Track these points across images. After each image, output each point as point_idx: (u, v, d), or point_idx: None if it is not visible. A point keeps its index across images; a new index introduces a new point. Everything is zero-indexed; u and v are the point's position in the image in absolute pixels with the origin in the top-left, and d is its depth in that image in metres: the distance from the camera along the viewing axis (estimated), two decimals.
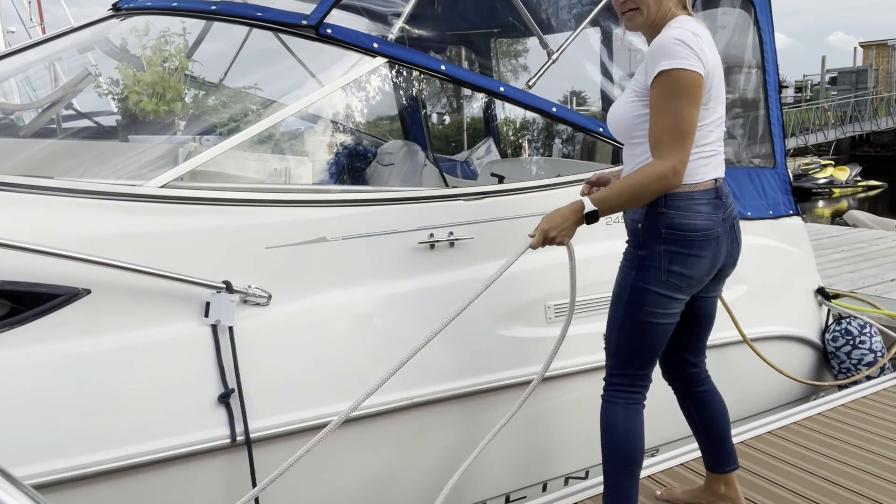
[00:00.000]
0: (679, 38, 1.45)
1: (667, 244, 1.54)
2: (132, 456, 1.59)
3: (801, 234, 3.03)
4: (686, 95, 1.45)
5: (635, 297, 1.58)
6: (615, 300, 1.64)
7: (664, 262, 1.55)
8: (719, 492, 1.85)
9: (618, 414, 1.63)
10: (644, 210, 1.57)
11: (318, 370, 1.83)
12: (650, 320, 1.58)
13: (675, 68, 1.44)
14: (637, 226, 1.59)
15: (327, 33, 2.01)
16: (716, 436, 1.79)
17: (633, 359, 1.63)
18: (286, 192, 1.88)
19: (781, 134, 2.99)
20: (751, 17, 2.90)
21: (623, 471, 1.63)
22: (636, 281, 1.58)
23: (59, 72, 2.82)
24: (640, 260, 1.58)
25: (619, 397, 1.64)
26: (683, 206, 1.54)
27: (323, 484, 1.86)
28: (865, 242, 5.44)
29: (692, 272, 1.56)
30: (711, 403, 1.79)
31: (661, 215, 1.54)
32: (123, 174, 1.85)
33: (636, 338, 1.61)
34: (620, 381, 1.65)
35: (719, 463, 1.82)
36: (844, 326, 3.03)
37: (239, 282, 1.75)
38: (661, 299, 1.57)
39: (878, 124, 22.82)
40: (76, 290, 1.59)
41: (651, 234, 1.56)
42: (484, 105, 4.27)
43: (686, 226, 1.54)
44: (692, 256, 1.54)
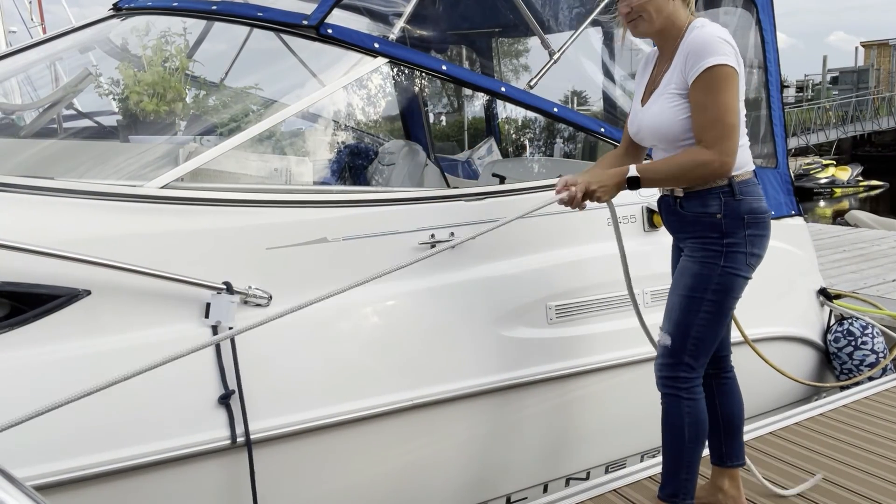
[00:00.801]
0: (721, 36, 1.55)
1: (750, 228, 1.62)
2: (132, 457, 1.58)
3: (802, 235, 3.02)
4: (734, 89, 1.54)
5: (726, 285, 1.63)
6: (695, 293, 1.64)
7: (748, 247, 1.63)
8: (723, 487, 1.86)
9: (704, 410, 1.71)
10: (720, 201, 1.63)
11: (318, 371, 1.82)
12: (732, 305, 1.67)
13: (721, 64, 1.52)
14: (716, 217, 1.63)
15: (328, 33, 2.01)
16: (732, 426, 1.83)
17: (709, 350, 1.70)
18: (287, 193, 1.88)
19: (783, 134, 2.99)
20: (752, 16, 2.89)
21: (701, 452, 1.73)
22: (725, 269, 1.63)
23: (61, 72, 2.82)
24: (726, 248, 1.62)
25: (700, 392, 1.70)
26: (755, 191, 1.65)
27: (324, 485, 1.86)
28: (867, 243, 5.43)
29: (763, 251, 1.67)
30: (735, 391, 1.85)
31: (740, 202, 1.62)
32: (124, 175, 1.85)
33: (719, 325, 1.67)
34: (697, 374, 1.69)
35: (728, 456, 1.84)
36: (846, 327, 3.02)
37: (239, 283, 1.75)
38: (745, 282, 1.66)
39: (879, 124, 22.79)
40: (76, 291, 1.59)
41: (735, 222, 1.62)
42: (485, 105, 4.27)
43: (761, 208, 1.65)
44: (766, 237, 1.66)
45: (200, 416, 1.66)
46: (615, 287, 2.18)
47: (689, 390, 1.68)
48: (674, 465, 1.71)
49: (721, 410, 1.83)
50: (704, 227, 1.65)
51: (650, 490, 2.01)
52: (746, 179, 1.64)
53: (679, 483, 1.70)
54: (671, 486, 1.71)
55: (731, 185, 1.62)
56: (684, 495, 1.70)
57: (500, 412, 2.12)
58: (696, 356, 1.67)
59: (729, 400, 1.84)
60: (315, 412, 1.78)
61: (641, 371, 1.86)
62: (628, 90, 2.80)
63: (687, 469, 1.70)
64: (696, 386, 1.69)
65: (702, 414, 1.69)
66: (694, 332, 1.65)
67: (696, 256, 1.66)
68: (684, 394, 1.68)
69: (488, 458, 2.13)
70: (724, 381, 1.84)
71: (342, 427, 1.82)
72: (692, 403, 1.68)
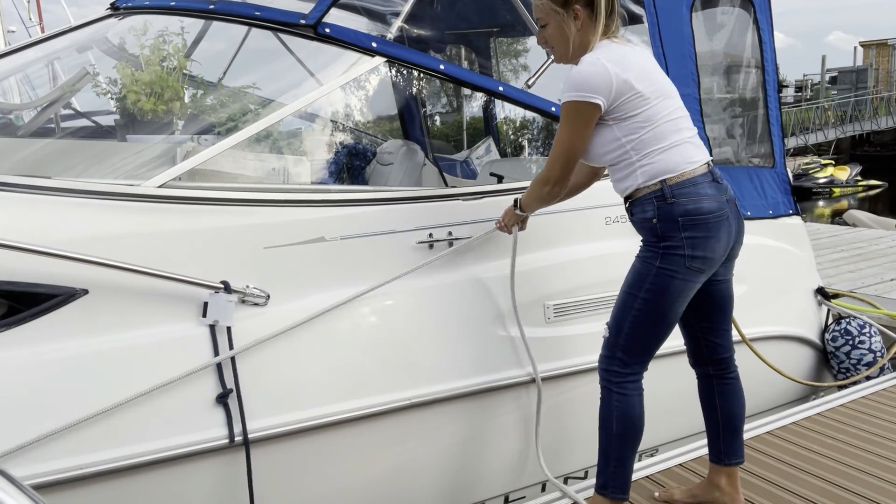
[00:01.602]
0: (580, 71, 1.61)
1: (687, 231, 1.61)
2: (130, 456, 1.59)
3: (800, 234, 3.03)
4: (574, 124, 1.63)
5: (660, 284, 1.63)
6: (632, 289, 1.67)
7: (687, 249, 1.62)
8: (720, 485, 1.86)
9: (635, 407, 1.70)
10: (654, 205, 1.63)
11: (316, 370, 1.83)
12: (670, 306, 1.65)
13: (566, 101, 1.62)
14: (652, 222, 1.64)
15: (326, 33, 2.01)
16: (733, 425, 1.83)
17: (645, 347, 1.69)
18: (284, 192, 1.88)
19: (781, 133, 2.99)
20: (750, 16, 2.89)
21: (633, 454, 1.73)
22: (660, 269, 1.63)
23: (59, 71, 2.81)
24: (663, 250, 1.63)
25: (634, 388, 1.70)
26: (692, 192, 1.63)
27: (322, 484, 1.86)
28: (865, 242, 5.44)
29: (712, 254, 1.64)
30: (737, 392, 1.84)
31: (672, 205, 1.62)
32: (121, 174, 1.85)
33: (654, 323, 1.67)
34: (632, 370, 1.69)
35: (727, 454, 1.84)
36: (844, 326, 3.02)
37: (237, 282, 1.75)
38: (684, 286, 1.64)
39: (878, 124, 22.81)
40: (74, 291, 1.59)
41: (669, 224, 1.62)
42: (484, 104, 4.27)
43: (700, 209, 1.62)
44: (712, 239, 1.63)
45: (198, 414, 1.66)
46: (613, 286, 2.18)
47: (620, 385, 1.69)
48: (604, 457, 1.73)
49: (722, 410, 1.83)
50: (646, 231, 1.68)
51: (648, 490, 2.01)
52: (682, 181, 1.62)
53: (608, 475, 1.72)
54: (602, 477, 1.73)
55: (663, 188, 1.62)
56: (614, 488, 1.71)
57: (497, 411, 2.12)
58: (628, 352, 1.68)
59: (731, 400, 1.83)
60: (312, 411, 1.78)
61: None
62: None
63: (616, 462, 1.70)
64: (628, 382, 1.68)
65: (632, 410, 1.68)
66: (626, 329, 1.67)
67: (640, 255, 1.70)
68: (615, 388, 1.69)
69: (486, 457, 2.13)
70: (726, 382, 1.83)
71: (340, 426, 1.82)
72: (621, 398, 1.68)
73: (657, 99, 1.63)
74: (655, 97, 1.62)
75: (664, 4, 2.60)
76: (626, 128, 1.63)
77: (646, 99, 1.61)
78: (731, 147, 3.00)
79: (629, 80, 1.59)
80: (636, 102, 1.61)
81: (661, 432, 2.37)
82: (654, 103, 1.62)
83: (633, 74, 1.60)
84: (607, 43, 1.65)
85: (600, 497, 1.74)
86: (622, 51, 1.64)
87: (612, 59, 1.60)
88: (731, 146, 3.00)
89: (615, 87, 1.58)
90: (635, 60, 1.63)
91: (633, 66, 1.61)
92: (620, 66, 1.59)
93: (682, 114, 1.69)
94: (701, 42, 2.71)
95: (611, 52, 1.62)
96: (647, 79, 1.62)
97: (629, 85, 1.59)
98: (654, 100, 1.62)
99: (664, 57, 2.60)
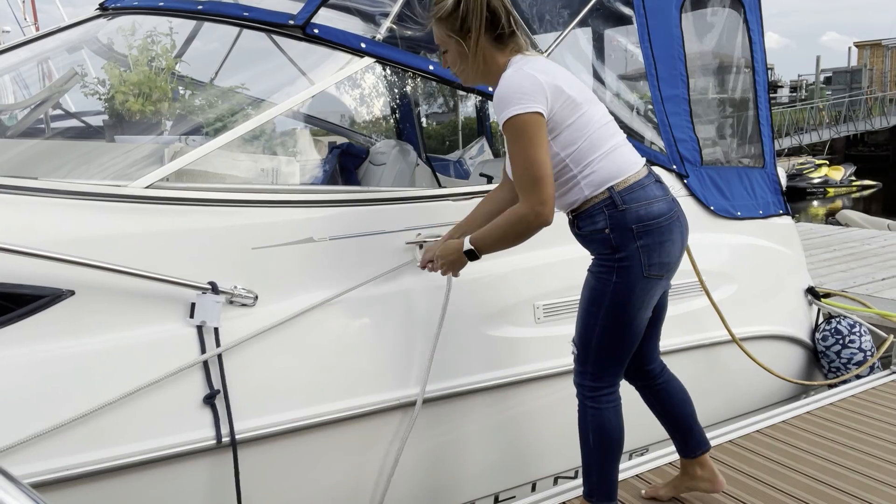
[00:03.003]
0: (516, 82, 1.51)
1: (642, 239, 1.57)
2: (117, 457, 1.58)
3: (791, 234, 3.04)
4: (533, 137, 1.50)
5: (620, 299, 1.59)
6: (592, 307, 1.63)
7: (643, 259, 1.57)
8: (696, 475, 1.88)
9: (609, 420, 1.67)
10: (605, 214, 1.58)
11: (304, 371, 1.82)
12: (634, 316, 1.61)
13: (514, 115, 1.49)
14: (605, 232, 1.58)
15: (314, 33, 2.01)
16: (684, 421, 1.83)
17: (615, 360, 1.66)
18: (273, 193, 1.88)
19: (771, 134, 3.00)
20: (740, 16, 2.91)
21: (615, 461, 1.71)
22: (618, 284, 1.59)
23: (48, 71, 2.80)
24: (618, 262, 1.58)
25: (608, 401, 1.68)
26: (641, 196, 1.58)
27: (307, 485, 1.86)
28: (857, 242, 5.46)
29: (669, 258, 1.61)
30: (673, 391, 1.82)
31: (625, 212, 1.56)
32: (109, 174, 1.84)
33: (621, 337, 1.63)
34: (604, 383, 1.67)
35: (692, 447, 1.85)
36: (834, 326, 3.04)
37: (225, 282, 1.75)
38: (644, 295, 1.60)
39: (872, 124, 22.90)
40: (60, 292, 1.58)
41: (624, 234, 1.57)
42: (477, 105, 4.27)
43: (652, 213, 1.57)
44: (666, 242, 1.59)
45: (185, 415, 1.66)
46: None
47: (594, 399, 1.67)
48: (586, 466, 1.72)
49: (668, 413, 1.82)
50: (598, 243, 1.61)
51: (636, 488, 2.02)
52: (629, 185, 1.56)
53: (592, 483, 1.71)
54: (587, 485, 1.73)
55: (612, 195, 1.56)
56: (599, 495, 1.71)
57: (487, 411, 2.12)
58: (599, 366, 1.65)
59: (671, 401, 1.81)
60: (301, 412, 1.78)
61: None
62: (617, 91, 2.81)
63: (598, 472, 1.70)
64: (601, 395, 1.66)
65: (607, 423, 1.66)
66: (594, 344, 1.64)
67: (593, 271, 1.64)
68: (588, 402, 1.68)
69: (475, 457, 2.13)
70: (658, 387, 1.81)
71: (328, 427, 1.82)
72: (595, 412, 1.67)
73: (587, 104, 1.58)
74: (586, 102, 1.58)
75: (653, 5, 2.60)
76: (561, 141, 1.57)
77: (578, 104, 1.56)
78: (722, 147, 3.01)
79: (559, 85, 1.54)
80: (570, 109, 1.55)
81: (650, 431, 2.37)
82: (586, 108, 1.57)
83: (562, 80, 1.55)
84: (521, 57, 1.60)
85: (588, 503, 1.75)
86: (541, 60, 1.60)
87: (535, 68, 1.55)
88: (721, 146, 3.01)
89: (549, 93, 1.52)
90: (556, 68, 1.59)
91: (558, 73, 1.57)
92: (547, 74, 1.54)
93: (611, 119, 1.64)
94: (690, 43, 2.72)
95: (532, 63, 1.57)
96: (574, 84, 1.58)
97: (560, 90, 1.53)
98: (585, 105, 1.57)
99: (653, 58, 2.61)
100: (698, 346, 2.57)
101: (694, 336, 2.54)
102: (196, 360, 1.67)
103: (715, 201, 2.73)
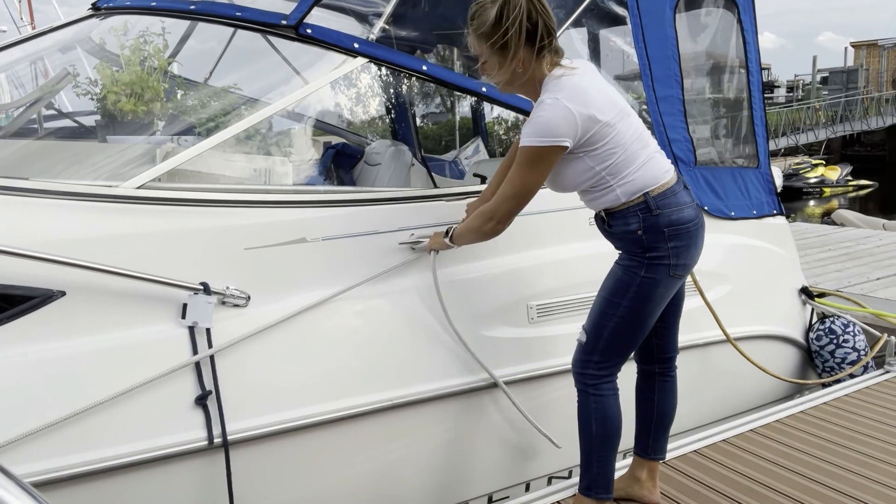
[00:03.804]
0: (541, 115, 1.58)
1: (672, 241, 1.65)
2: (108, 458, 1.58)
3: (785, 234, 3.04)
4: (533, 166, 1.61)
5: (644, 293, 1.66)
6: (614, 297, 1.69)
7: (672, 259, 1.65)
8: (641, 478, 1.92)
9: (611, 407, 1.73)
10: (639, 217, 1.65)
11: (296, 372, 1.82)
12: (652, 311, 1.69)
13: (525, 146, 1.60)
14: (637, 234, 1.66)
15: (307, 33, 2.00)
16: (663, 423, 1.89)
17: (623, 351, 1.73)
18: (265, 193, 1.87)
19: (765, 134, 3.00)
20: (734, 16, 2.91)
21: (614, 453, 1.75)
22: (646, 278, 1.66)
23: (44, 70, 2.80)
24: (648, 260, 1.66)
25: (610, 389, 1.73)
26: (673, 202, 1.66)
27: (306, 485, 1.86)
28: (852, 241, 5.47)
29: (693, 260, 1.71)
30: (672, 391, 1.89)
31: (658, 217, 1.64)
32: (100, 175, 1.84)
33: (635, 329, 1.70)
34: (607, 372, 1.72)
35: (653, 449, 1.89)
36: (828, 325, 3.04)
37: (217, 283, 1.74)
38: (666, 292, 1.69)
39: (868, 124, 22.96)
40: (51, 292, 1.58)
41: (656, 236, 1.65)
42: (472, 105, 4.27)
43: (682, 219, 1.66)
44: (692, 246, 1.69)
45: (177, 416, 1.65)
46: (597, 286, 2.19)
47: (597, 387, 1.72)
48: (586, 458, 1.75)
49: (658, 408, 1.88)
50: (629, 242, 1.69)
51: None
52: (663, 192, 1.65)
53: (592, 476, 1.75)
54: (585, 478, 1.77)
55: (647, 200, 1.64)
56: (598, 488, 1.74)
57: (481, 412, 2.12)
58: (606, 356, 1.71)
59: (666, 398, 1.88)
60: (293, 413, 1.78)
61: (623, 369, 1.87)
62: None
63: (598, 463, 1.74)
64: (604, 384, 1.72)
65: (609, 411, 1.71)
66: (607, 334, 1.70)
67: (622, 264, 1.71)
68: (591, 390, 1.72)
69: (469, 457, 2.13)
70: (665, 381, 1.88)
71: (320, 427, 1.82)
72: (599, 400, 1.71)
73: (620, 121, 1.63)
74: (618, 120, 1.63)
75: (647, 6, 2.61)
76: (597, 157, 1.63)
77: (611, 126, 1.61)
78: (716, 147, 3.02)
79: (593, 115, 1.58)
80: (603, 132, 1.61)
81: None
82: (619, 127, 1.63)
83: (595, 107, 1.59)
84: (556, 79, 1.62)
85: (585, 498, 1.75)
86: (576, 84, 1.61)
87: (571, 97, 1.58)
88: (715, 147, 3.01)
89: (580, 126, 1.58)
90: (591, 90, 1.61)
91: (592, 99, 1.60)
92: (581, 104, 1.58)
93: (643, 126, 1.71)
94: (685, 43, 2.72)
95: (568, 90, 1.59)
96: (606, 105, 1.62)
97: (594, 119, 1.59)
98: (618, 123, 1.62)
99: (647, 58, 2.61)
100: (693, 345, 2.57)
101: (688, 336, 2.54)
102: (188, 360, 1.67)
103: (709, 201, 2.74)
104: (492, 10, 1.58)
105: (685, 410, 2.08)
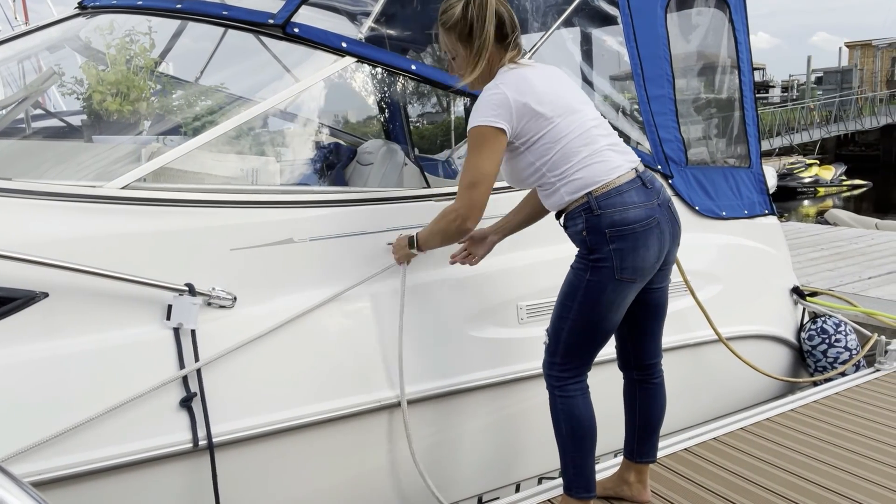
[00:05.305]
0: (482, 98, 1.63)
1: (614, 243, 1.60)
2: (91, 461, 1.56)
3: (776, 234, 3.05)
4: (483, 149, 1.61)
5: (591, 296, 1.64)
6: (567, 300, 1.68)
7: (616, 261, 1.61)
8: (629, 480, 1.90)
9: (578, 406, 1.71)
10: (583, 218, 1.63)
11: (282, 373, 1.81)
12: (604, 315, 1.65)
13: (474, 126, 1.61)
14: (582, 234, 1.64)
15: (294, 32, 1.99)
16: (651, 427, 1.86)
17: (582, 354, 1.71)
18: (252, 193, 1.86)
19: (757, 134, 3.00)
20: (726, 16, 2.91)
21: (589, 452, 1.73)
22: (591, 281, 1.63)
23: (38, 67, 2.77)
24: (592, 262, 1.63)
25: (574, 389, 1.71)
26: (618, 202, 1.61)
27: (288, 489, 1.84)
28: (845, 241, 5.49)
29: (644, 263, 1.63)
30: (658, 396, 1.86)
31: (599, 217, 1.61)
32: (85, 175, 1.82)
33: (589, 333, 1.67)
34: (571, 374, 1.71)
35: (640, 453, 1.88)
36: (820, 325, 3.04)
37: (203, 284, 1.73)
38: (616, 296, 1.64)
39: (862, 124, 23.06)
40: (33, 294, 1.56)
41: (597, 237, 1.62)
42: (466, 105, 4.25)
43: (627, 219, 1.60)
44: (640, 248, 1.61)
45: (162, 418, 1.64)
46: None
47: (562, 388, 1.70)
48: (562, 459, 1.75)
49: (641, 414, 1.86)
50: (578, 243, 1.68)
51: None
52: (606, 191, 1.60)
53: (570, 477, 1.74)
54: (565, 478, 1.76)
55: (589, 201, 1.61)
56: (577, 488, 1.73)
57: (471, 413, 2.11)
58: (567, 359, 1.70)
59: (651, 403, 1.85)
60: (279, 415, 1.77)
61: (612, 370, 1.87)
62: (602, 91, 2.81)
63: (573, 464, 1.72)
64: (569, 385, 1.70)
65: (576, 411, 1.69)
66: (564, 337, 1.69)
67: (573, 266, 1.70)
68: (557, 392, 1.72)
69: (458, 458, 2.12)
70: (649, 387, 1.85)
71: (306, 429, 1.81)
72: (565, 401, 1.70)
73: (560, 117, 1.63)
74: (558, 115, 1.63)
75: (638, 5, 2.60)
76: (536, 151, 1.64)
77: (548, 119, 1.62)
78: (708, 147, 3.02)
79: (528, 102, 1.61)
80: (539, 123, 1.62)
81: None
82: (558, 122, 1.63)
83: (533, 97, 1.61)
84: (506, 70, 1.66)
85: (569, 497, 1.74)
86: (522, 75, 1.64)
87: (510, 85, 1.62)
88: (706, 146, 3.01)
89: (514, 112, 1.60)
90: (535, 81, 1.64)
91: (533, 90, 1.62)
92: (519, 92, 1.61)
93: (595, 124, 1.68)
94: (676, 43, 2.72)
95: (511, 79, 1.63)
96: (548, 98, 1.63)
97: (528, 108, 1.61)
98: (556, 118, 1.62)
99: (639, 57, 2.61)
100: (684, 345, 2.57)
101: (680, 336, 2.54)
102: (179, 373, 1.65)
103: (700, 201, 2.74)
104: (458, 5, 1.64)
105: (677, 409, 2.08)
